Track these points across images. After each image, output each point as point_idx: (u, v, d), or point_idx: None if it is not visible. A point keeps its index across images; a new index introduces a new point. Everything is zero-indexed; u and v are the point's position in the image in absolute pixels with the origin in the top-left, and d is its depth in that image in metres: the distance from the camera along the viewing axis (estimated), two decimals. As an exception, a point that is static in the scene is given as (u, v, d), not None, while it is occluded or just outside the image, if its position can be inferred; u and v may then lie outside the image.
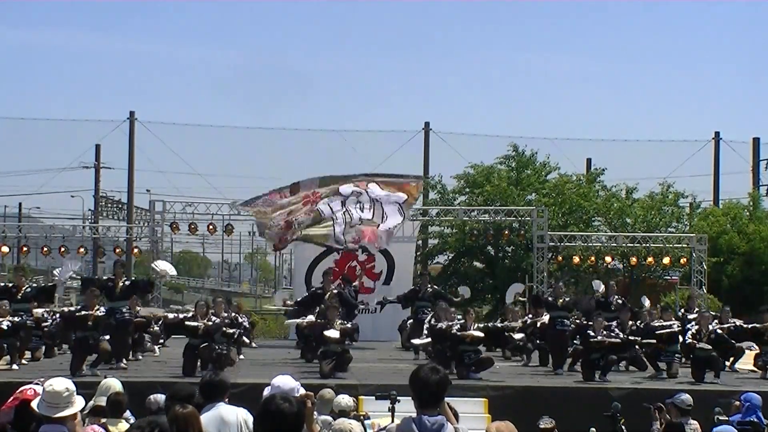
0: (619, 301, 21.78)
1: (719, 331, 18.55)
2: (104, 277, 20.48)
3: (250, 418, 7.36)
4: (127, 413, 8.84)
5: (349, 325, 18.57)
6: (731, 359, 20.18)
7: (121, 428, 8.27)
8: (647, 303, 23.60)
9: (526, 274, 32.42)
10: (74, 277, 23.17)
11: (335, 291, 20.40)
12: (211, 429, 7.09)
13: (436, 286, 25.15)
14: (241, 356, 21.14)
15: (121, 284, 19.31)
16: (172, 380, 14.61)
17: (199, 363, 17.76)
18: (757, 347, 19.82)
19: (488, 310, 36.88)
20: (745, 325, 19.42)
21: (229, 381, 7.87)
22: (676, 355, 18.81)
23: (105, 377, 10.40)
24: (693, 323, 19.12)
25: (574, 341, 19.73)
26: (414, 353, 21.96)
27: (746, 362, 20.23)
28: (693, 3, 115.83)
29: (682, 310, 23.15)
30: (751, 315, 21.95)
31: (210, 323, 18.13)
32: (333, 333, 17.97)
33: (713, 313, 20.56)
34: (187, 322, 18.37)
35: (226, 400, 7.51)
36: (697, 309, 21.84)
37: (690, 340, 18.26)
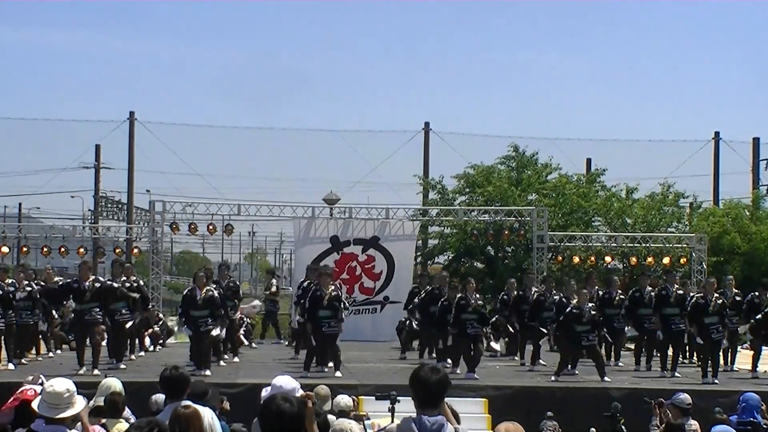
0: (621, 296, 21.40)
1: (723, 300, 18.64)
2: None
3: (217, 423, 7.32)
4: (128, 413, 8.83)
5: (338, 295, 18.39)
6: (729, 356, 20.31)
7: (121, 428, 8.27)
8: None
9: (526, 274, 32.42)
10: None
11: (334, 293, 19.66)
12: None
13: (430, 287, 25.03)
14: (236, 358, 20.58)
15: (118, 284, 19.18)
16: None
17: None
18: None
19: (488, 311, 36.91)
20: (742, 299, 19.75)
21: (189, 376, 7.78)
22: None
23: (105, 377, 10.40)
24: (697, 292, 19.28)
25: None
26: (402, 352, 22.05)
27: (745, 362, 20.24)
28: (693, 3, 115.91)
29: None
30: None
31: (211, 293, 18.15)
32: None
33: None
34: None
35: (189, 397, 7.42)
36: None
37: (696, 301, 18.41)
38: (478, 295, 19.43)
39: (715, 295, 18.54)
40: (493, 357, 22.22)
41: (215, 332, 18.32)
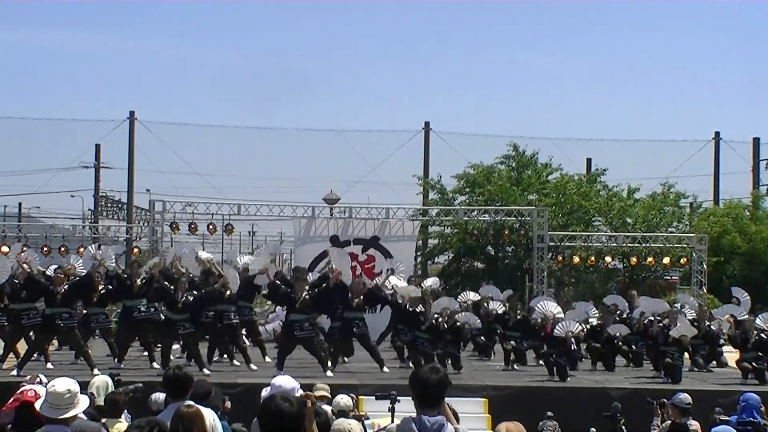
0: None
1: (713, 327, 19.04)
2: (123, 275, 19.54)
3: (218, 424, 7.29)
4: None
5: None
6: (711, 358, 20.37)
7: (120, 428, 8.25)
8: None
9: (526, 274, 32.42)
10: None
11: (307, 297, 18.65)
12: None
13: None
14: (236, 362, 20.36)
15: (139, 282, 19.02)
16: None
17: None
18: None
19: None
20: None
21: (193, 377, 7.73)
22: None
23: (95, 374, 10.35)
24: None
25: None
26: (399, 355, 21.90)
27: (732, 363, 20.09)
28: (693, 3, 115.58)
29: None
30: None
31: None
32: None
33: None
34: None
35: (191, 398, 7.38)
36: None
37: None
38: (438, 315, 18.68)
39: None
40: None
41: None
